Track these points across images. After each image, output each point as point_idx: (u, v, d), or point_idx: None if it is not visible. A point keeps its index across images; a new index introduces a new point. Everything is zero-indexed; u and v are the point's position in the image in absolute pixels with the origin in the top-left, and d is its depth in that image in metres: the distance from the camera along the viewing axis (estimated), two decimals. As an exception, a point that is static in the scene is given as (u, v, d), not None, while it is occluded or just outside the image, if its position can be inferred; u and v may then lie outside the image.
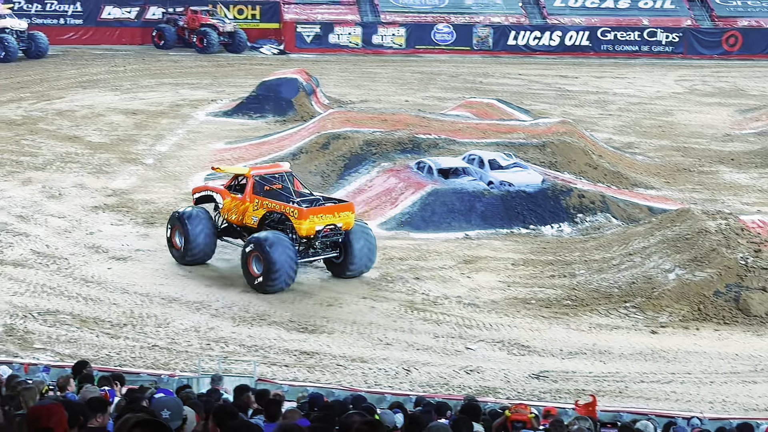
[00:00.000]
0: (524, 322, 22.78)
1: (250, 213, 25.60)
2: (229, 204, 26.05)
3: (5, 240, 26.99)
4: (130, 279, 24.56)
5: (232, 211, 26.01)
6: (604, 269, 25.48)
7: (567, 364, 20.80)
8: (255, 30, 66.09)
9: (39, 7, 64.50)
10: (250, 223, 25.59)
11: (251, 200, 25.58)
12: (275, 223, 25.20)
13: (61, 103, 45.69)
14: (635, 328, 22.52)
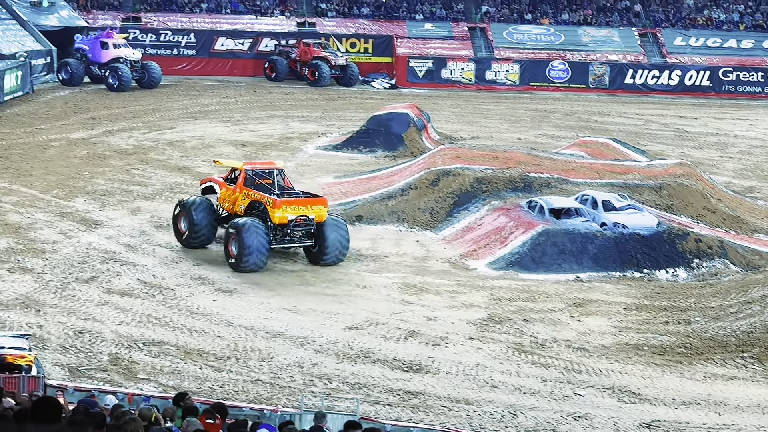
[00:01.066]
0: (636, 369, 22.46)
1: (239, 202, 29.51)
2: (224, 194, 30.03)
3: (113, 269, 27.55)
4: (235, 312, 24.85)
5: (226, 200, 29.98)
6: (720, 317, 25.03)
7: (680, 414, 20.44)
8: (367, 64, 66.62)
9: (153, 37, 65.98)
10: (239, 211, 29.39)
11: (240, 191, 29.48)
12: (259, 211, 28.81)
13: (172, 134, 46.59)
14: (753, 379, 22.05)
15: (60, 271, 27.19)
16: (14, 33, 61.59)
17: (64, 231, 30.94)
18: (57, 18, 65.34)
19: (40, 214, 32.54)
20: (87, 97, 56.28)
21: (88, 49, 59.29)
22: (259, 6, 70.91)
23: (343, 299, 26.01)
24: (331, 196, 35.51)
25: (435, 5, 72.02)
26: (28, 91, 55.86)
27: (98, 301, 25.06)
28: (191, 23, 67.78)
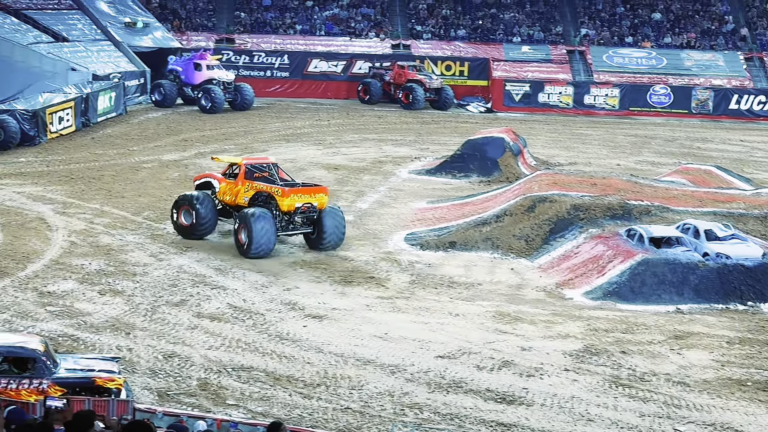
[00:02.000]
0: (739, 406, 22.07)
1: (241, 194, 32.70)
2: (225, 188, 33.07)
3: (203, 293, 27.86)
4: (326, 338, 24.95)
5: (227, 193, 33.02)
6: (829, 353, 24.50)
7: (785, 453, 20.03)
8: (462, 87, 66.75)
9: (247, 59, 66.86)
10: (241, 203, 32.61)
11: (242, 184, 32.70)
12: (263, 202, 32.10)
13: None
14: None
15: (150, 293, 27.58)
16: (108, 54, 62.89)
17: (155, 253, 31.39)
18: (151, 39, 66.55)
19: (131, 236, 33.06)
20: (179, 118, 57.15)
21: (182, 70, 60.26)
22: (354, 28, 71.45)
23: (435, 327, 25.98)
24: (424, 222, 35.60)
25: (533, 28, 71.90)
26: (121, 113, 56.92)
27: (188, 325, 25.35)
28: (285, 45, 68.52)
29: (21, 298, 26.68)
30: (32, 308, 26.01)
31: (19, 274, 28.66)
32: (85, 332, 24.50)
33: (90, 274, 29.01)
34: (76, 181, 40.58)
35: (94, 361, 20.21)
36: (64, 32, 63.38)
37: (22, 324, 24.81)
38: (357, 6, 73.81)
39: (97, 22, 66.16)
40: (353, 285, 29.18)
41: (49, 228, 33.60)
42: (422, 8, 73.70)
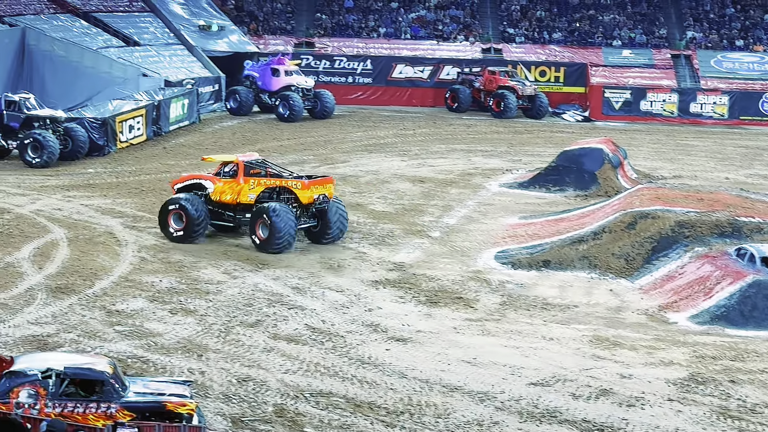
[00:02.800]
0: None
1: (245, 192, 34.21)
2: (223, 187, 34.39)
3: (280, 313, 28.01)
4: (410, 362, 24.93)
5: (226, 192, 34.38)
6: None
7: None
8: (557, 94, 66.52)
9: (327, 64, 67.26)
10: (245, 201, 34.20)
11: (245, 181, 34.24)
12: (276, 197, 33.89)
13: (345, 168, 47.25)
14: None
15: (224, 313, 27.80)
16: (182, 59, 63.69)
17: (228, 270, 31.64)
18: (226, 43, 67.24)
19: (204, 253, 33.36)
20: (256, 127, 57.66)
21: (258, 76, 60.81)
22: (442, 31, 71.58)
23: (527, 352, 25.84)
24: (516, 239, 35.47)
25: (635, 30, 71.48)
26: (194, 121, 57.59)
27: (263, 347, 25.49)
28: (368, 49, 68.84)
29: (88, 317, 27.05)
30: (100, 328, 26.35)
31: (87, 292, 29.06)
32: (156, 354, 24.75)
33: (161, 292, 29.33)
34: (147, 193, 41.08)
35: (165, 385, 20.40)
36: (136, 36, 64.34)
37: (89, 344, 25.15)
38: (445, 7, 73.91)
39: (169, 25, 67.04)
40: (439, 306, 29.15)
41: (118, 243, 34.05)
42: (515, 10, 73.59)
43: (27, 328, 26.04)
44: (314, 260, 32.97)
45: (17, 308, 27.46)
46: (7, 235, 34.36)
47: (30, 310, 27.40)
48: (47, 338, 25.41)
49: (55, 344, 25.03)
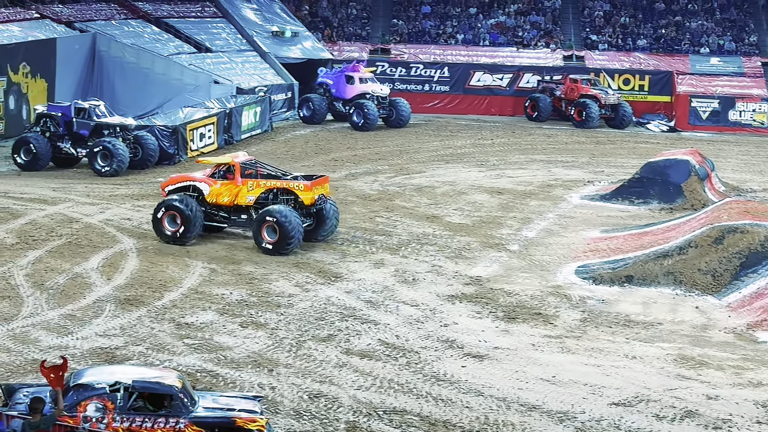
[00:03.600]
0: None
1: (244, 194, 35.32)
2: (220, 189, 35.47)
3: (353, 327, 28.06)
4: (487, 380, 24.87)
5: (223, 194, 35.45)
6: None
7: None
8: (642, 103, 66.12)
9: (403, 71, 67.35)
10: (244, 202, 35.36)
11: (243, 183, 35.32)
12: (274, 198, 35.13)
13: (421, 178, 47.28)
14: None
15: (295, 327, 27.90)
16: (254, 66, 64.16)
17: (300, 283, 31.77)
18: (300, 50, 67.63)
19: (275, 265, 33.52)
20: (329, 136, 57.87)
21: (332, 83, 61.04)
22: (521, 37, 71.46)
23: (609, 370, 25.66)
24: (598, 253, 35.27)
25: (723, 37, 70.86)
26: (266, 129, 57.97)
27: (336, 363, 25.55)
28: (445, 56, 68.89)
29: (157, 330, 27.29)
30: (169, 340, 26.57)
31: (156, 304, 29.33)
32: (225, 368, 24.91)
33: (231, 305, 29.51)
34: (218, 203, 41.39)
35: (235, 400, 20.53)
36: (207, 42, 64.92)
37: (158, 357, 25.37)
38: (525, 13, 73.76)
39: (242, 31, 67.57)
40: (517, 322, 29.04)
41: (187, 254, 34.32)
42: (598, 16, 73.25)
43: (95, 341, 26.33)
44: (388, 273, 33.01)
45: (85, 320, 27.78)
46: (75, 245, 34.78)
47: (98, 321, 27.71)
48: (115, 351, 25.68)
49: (123, 357, 25.29)
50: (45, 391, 19.01)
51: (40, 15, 60.81)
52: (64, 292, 30.06)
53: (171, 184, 36.58)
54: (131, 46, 60.51)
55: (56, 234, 36.06)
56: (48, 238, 35.62)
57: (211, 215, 35.81)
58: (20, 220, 37.73)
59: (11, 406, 19.51)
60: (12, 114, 53.98)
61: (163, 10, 67.61)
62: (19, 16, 59.94)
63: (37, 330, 26.91)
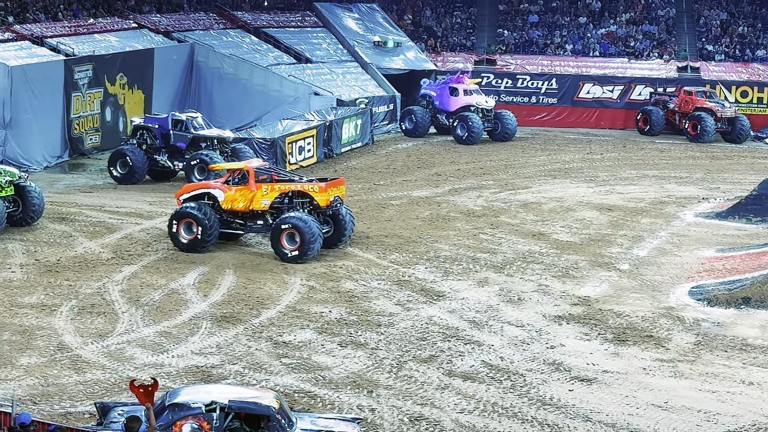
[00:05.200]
0: None
1: (259, 198, 36.26)
2: (235, 195, 36.37)
3: (455, 348, 28.03)
4: (595, 405, 24.69)
5: (238, 200, 36.35)
6: None
7: None
8: (760, 116, 65.33)
9: (509, 82, 67.21)
10: (259, 207, 36.35)
11: (258, 188, 36.32)
12: (289, 202, 36.26)
13: (527, 194, 47.12)
14: None
15: (396, 347, 27.95)
16: (355, 77, 64.46)
17: (402, 302, 31.82)
18: (402, 60, 67.78)
19: (376, 282, 33.63)
20: (432, 149, 57.94)
21: (436, 95, 61.07)
22: (633, 48, 70.92)
23: (724, 397, 25.34)
24: (713, 273, 34.89)
25: None
26: (367, 142, 58.19)
27: (438, 385, 25.54)
28: (553, 67, 68.60)
29: (254, 348, 27.50)
30: (266, 360, 26.76)
31: (253, 321, 29.57)
32: (324, 388, 25.02)
33: (330, 324, 29.65)
34: (317, 218, 41.64)
35: (333, 422, 20.62)
36: (308, 52, 65.39)
37: (254, 377, 25.56)
38: (638, 23, 73.21)
39: (343, 42, 67.95)
40: (628, 344, 28.79)
41: (285, 270, 34.56)
42: (714, 25, 72.47)
43: (191, 359, 26.62)
44: (492, 292, 32.93)
45: (181, 337, 28.10)
46: (171, 261, 35.21)
47: (194, 339, 28.01)
48: (211, 369, 25.93)
49: (219, 376, 25.52)
50: (140, 409, 19.21)
51: (138, 25, 61.75)
52: (160, 308, 30.45)
53: (185, 192, 37.48)
54: (230, 56, 61.15)
55: (152, 249, 36.54)
56: (144, 253, 36.12)
57: (227, 223, 36.79)
58: (116, 234, 38.30)
59: (106, 425, 19.80)
60: (108, 126, 54.84)
61: (263, 19, 68.25)
62: (116, 25, 60.92)
63: (133, 347, 27.29)
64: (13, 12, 58.05)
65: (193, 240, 35.94)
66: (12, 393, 23.65)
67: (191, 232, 36.01)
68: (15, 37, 54.30)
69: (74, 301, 30.84)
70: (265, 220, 36.71)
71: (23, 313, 29.61)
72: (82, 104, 53.21)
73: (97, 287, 32.20)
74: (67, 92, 52.04)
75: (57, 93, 51.60)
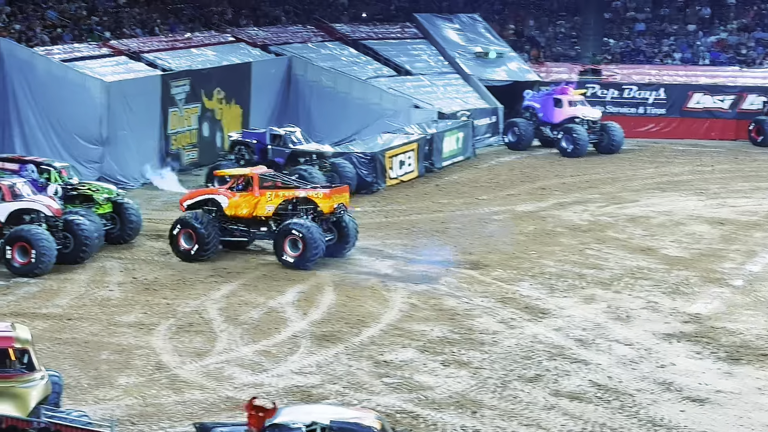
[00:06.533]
0: None
1: (263, 204, 37.15)
2: (239, 201, 37.28)
3: (561, 367, 27.88)
4: (708, 426, 24.40)
5: (242, 206, 37.27)
6: None
7: None
8: None
9: (615, 93, 66.73)
10: (263, 214, 37.19)
11: (262, 194, 37.19)
12: (293, 208, 37.00)
13: (634, 208, 46.75)
14: None
15: (500, 366, 27.86)
16: (456, 89, 64.48)
17: (505, 319, 31.73)
18: (505, 71, 67.67)
19: (478, 299, 33.57)
20: (536, 163, 57.76)
21: (539, 107, 60.86)
22: (745, 56, 70.10)
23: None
24: (831, 290, 34.35)
25: None
26: (469, 156, 58.14)
27: (543, 405, 25.42)
28: (661, 77, 67.99)
29: (355, 368, 27.57)
30: (367, 379, 26.82)
31: (353, 340, 29.65)
32: (426, 409, 25.02)
33: (432, 342, 29.65)
34: (418, 234, 41.68)
35: (436, 443, 20.58)
36: (407, 64, 65.52)
37: (355, 397, 25.62)
38: (750, 29, 72.39)
39: (444, 53, 67.98)
40: (742, 363, 28.42)
41: (386, 288, 34.62)
42: (832, 29, 71.46)
43: (290, 378, 26.76)
44: (600, 310, 32.71)
45: (280, 356, 28.26)
46: (270, 278, 35.46)
47: (294, 358, 28.15)
48: (311, 389, 26.05)
49: (319, 396, 25.63)
50: (240, 430, 19.35)
51: (236, 38, 62.36)
52: (259, 327, 30.66)
53: (189, 198, 38.54)
54: (328, 69, 61.46)
55: (251, 266, 36.82)
56: (242, 270, 36.40)
57: (231, 230, 37.68)
58: (214, 251, 38.64)
59: (205, 446, 19.95)
60: (206, 141, 55.41)
61: (362, 31, 68.55)
62: (213, 39, 61.57)
63: (231, 366, 27.50)
64: (109, 27, 58.96)
65: (191, 250, 36.92)
66: (111, 413, 23.96)
67: (190, 242, 36.95)
68: (112, 52, 55.13)
69: (172, 319, 31.18)
70: (269, 227, 37.43)
71: (121, 332, 30.00)
72: (179, 120, 53.85)
73: (195, 305, 32.52)
74: (164, 108, 52.71)
75: (154, 108, 52.27)
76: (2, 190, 36.05)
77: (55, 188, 39.02)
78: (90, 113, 49.34)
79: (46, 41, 53.90)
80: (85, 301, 32.92)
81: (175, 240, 37.20)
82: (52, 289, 34.11)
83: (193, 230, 36.77)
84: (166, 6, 64.98)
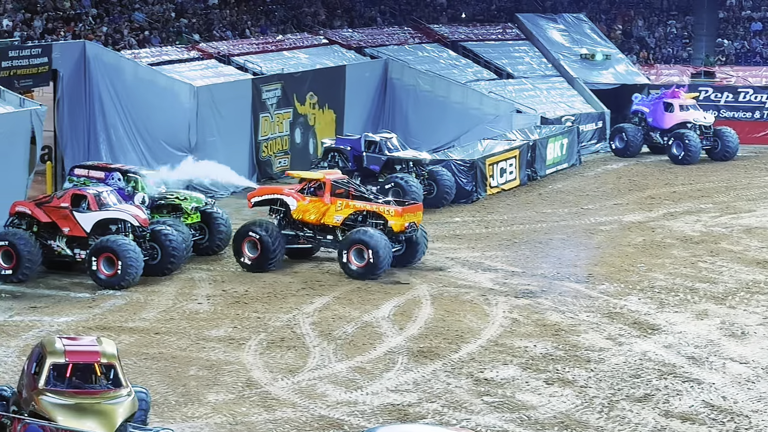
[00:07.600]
0: None
1: (332, 213, 37.37)
2: (307, 205, 37.57)
3: (672, 386, 27.65)
4: (828, 451, 24.12)
5: (310, 211, 37.55)
6: None
7: None
8: None
9: (730, 96, 66.00)
10: (330, 222, 37.41)
11: (332, 202, 37.40)
12: (363, 221, 37.14)
13: (750, 218, 46.27)
14: None
15: (607, 385, 27.69)
16: (560, 93, 64.22)
17: (612, 336, 31.53)
18: (612, 74, 67.28)
19: (584, 314, 33.40)
20: (645, 170, 57.37)
21: (649, 111, 60.41)
22: None
23: None
24: None
25: None
26: (574, 163, 57.90)
27: (653, 426, 25.23)
28: (779, 79, 67.15)
29: (454, 385, 27.53)
30: (466, 397, 26.78)
31: (452, 357, 29.62)
32: (529, 429, 24.94)
33: (535, 359, 29.53)
34: (520, 245, 41.58)
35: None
36: (509, 67, 65.38)
37: (454, 416, 25.59)
38: None
39: (547, 55, 67.76)
40: None
41: (487, 302, 34.56)
42: None
43: (386, 396, 26.78)
44: (713, 326, 32.41)
45: (376, 373, 28.28)
46: (364, 292, 35.51)
47: (389, 375, 28.17)
48: (408, 408, 26.04)
49: (416, 415, 25.63)
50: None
51: (329, 41, 62.60)
52: (353, 342, 30.72)
53: (258, 195, 39.30)
54: (426, 72, 61.51)
55: (344, 279, 36.88)
56: (336, 283, 36.51)
57: (296, 237, 38.10)
58: (307, 263, 38.78)
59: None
60: (298, 148, 55.63)
61: (461, 32, 68.51)
62: (306, 42, 61.85)
63: (324, 383, 27.57)
64: (198, 30, 59.49)
65: (254, 259, 37.32)
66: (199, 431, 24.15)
67: (255, 251, 37.32)
68: (201, 55, 55.53)
69: (263, 334, 31.33)
70: (335, 235, 37.74)
71: (210, 347, 30.20)
72: (271, 125, 54.12)
73: (286, 320, 32.66)
74: (254, 113, 52.97)
75: (244, 114, 52.54)
76: (88, 199, 36.44)
77: (142, 197, 39.32)
78: (178, 119, 49.62)
79: (134, 44, 54.43)
80: (173, 315, 33.20)
81: (239, 249, 37.65)
82: (138, 302, 34.44)
83: (260, 239, 37.20)
84: (257, 7, 65.42)
